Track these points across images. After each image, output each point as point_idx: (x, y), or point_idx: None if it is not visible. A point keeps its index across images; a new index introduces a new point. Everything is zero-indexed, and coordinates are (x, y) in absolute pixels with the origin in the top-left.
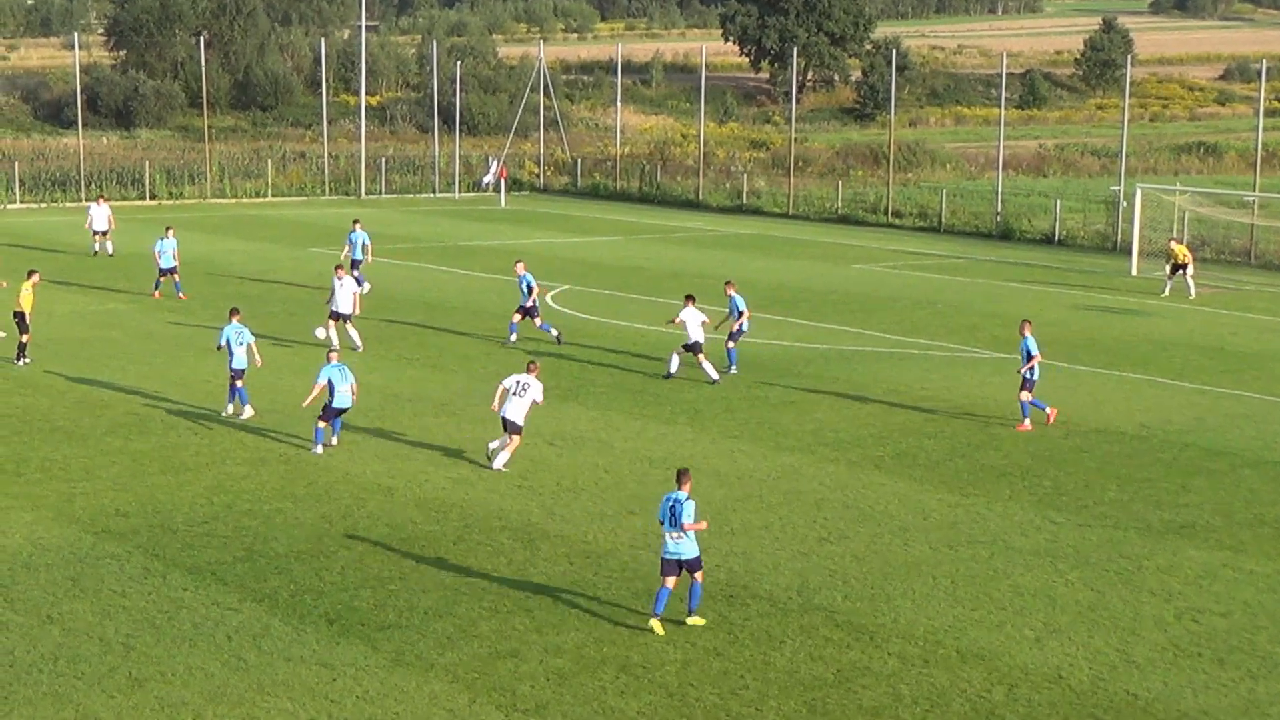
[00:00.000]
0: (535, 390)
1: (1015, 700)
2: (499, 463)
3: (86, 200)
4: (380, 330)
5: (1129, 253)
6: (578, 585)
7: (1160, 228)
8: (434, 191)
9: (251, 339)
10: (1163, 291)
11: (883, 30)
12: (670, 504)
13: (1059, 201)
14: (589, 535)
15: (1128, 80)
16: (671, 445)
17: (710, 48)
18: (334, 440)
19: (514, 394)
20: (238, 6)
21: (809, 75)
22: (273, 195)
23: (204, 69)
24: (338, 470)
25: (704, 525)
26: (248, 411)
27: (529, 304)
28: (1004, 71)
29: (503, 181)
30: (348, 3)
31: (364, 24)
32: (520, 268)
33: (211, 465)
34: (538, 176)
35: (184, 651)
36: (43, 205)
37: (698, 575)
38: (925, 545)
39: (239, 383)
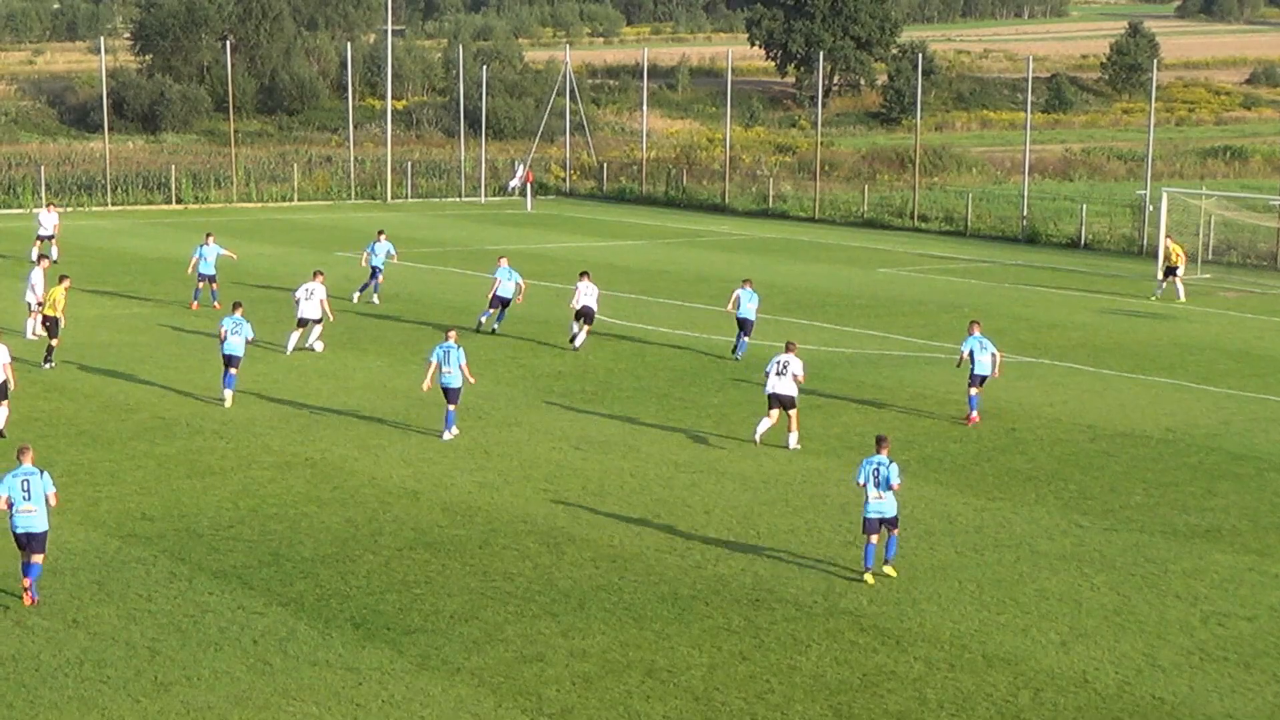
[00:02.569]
0: (796, 365)
1: (1041, 704)
2: (792, 442)
3: (112, 205)
4: (406, 334)
5: (1155, 257)
6: (603, 589)
7: (1186, 232)
8: (460, 195)
9: (250, 334)
10: (1155, 294)
11: (908, 34)
12: (874, 467)
13: (1085, 205)
14: (615, 539)
15: (1153, 84)
16: (697, 449)
17: (736, 52)
18: (444, 433)
19: (776, 373)
20: (264, 10)
21: (835, 79)
22: (298, 199)
23: (230, 73)
24: (363, 474)
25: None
26: (227, 399)
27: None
28: (1030, 75)
29: (529, 185)
30: (374, 7)
31: (390, 28)
32: (503, 261)
33: (237, 469)
34: (564, 180)
35: (209, 656)
36: (69, 209)
37: (895, 531)
38: (951, 549)
39: (232, 370)
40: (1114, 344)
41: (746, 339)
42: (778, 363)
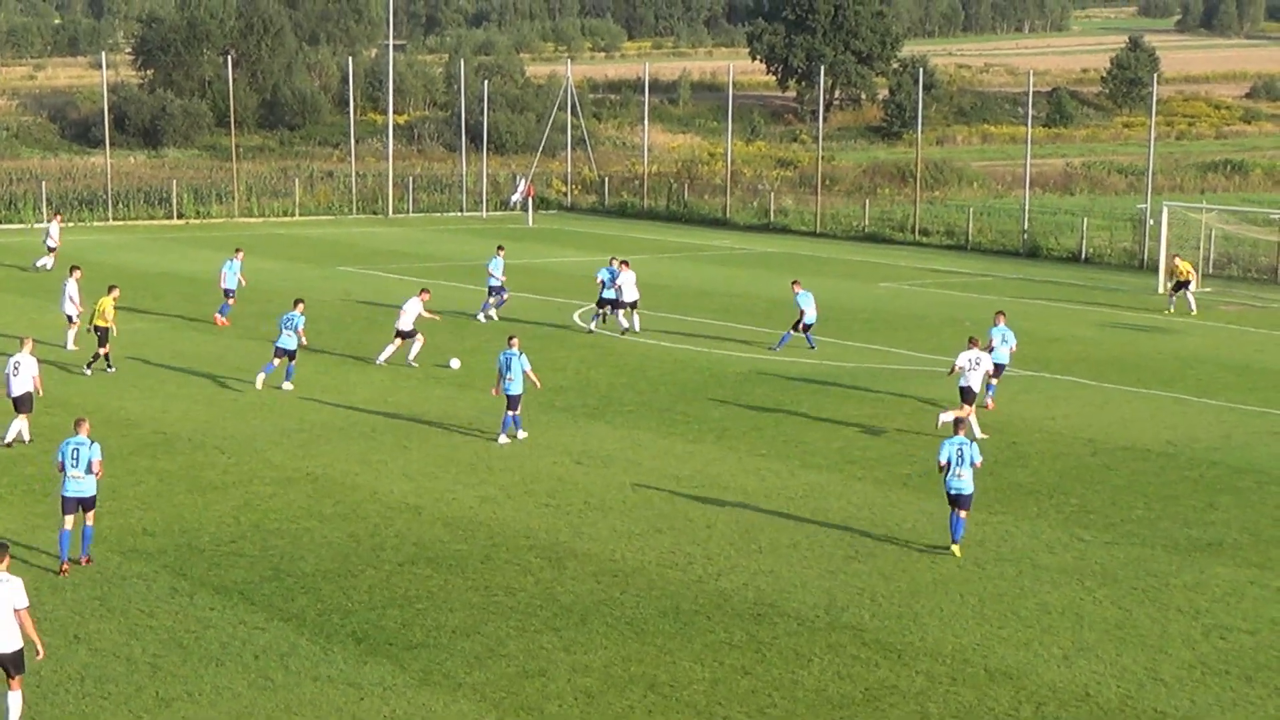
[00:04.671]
0: (986, 361)
1: (1043, 718)
2: (977, 429)
3: (113, 220)
4: (407, 349)
5: (1156, 271)
6: (605, 604)
7: (1187, 246)
8: (461, 210)
9: (300, 323)
10: (1168, 308)
11: (909, 49)
12: (957, 447)
13: (1086, 219)
14: (616, 553)
15: (1154, 98)
16: (699, 464)
17: (737, 66)
18: (515, 434)
19: (970, 369)
20: (265, 26)
21: (836, 94)
22: (300, 214)
23: (231, 88)
24: (365, 489)
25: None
26: (287, 385)
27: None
28: (1030, 90)
29: (530, 200)
30: (375, 22)
31: (391, 43)
32: (497, 248)
33: (238, 485)
34: (565, 195)
35: (211, 671)
36: (70, 224)
37: (964, 513)
38: (952, 563)
39: (277, 360)
40: (1114, 358)
41: (800, 335)
42: (969, 359)
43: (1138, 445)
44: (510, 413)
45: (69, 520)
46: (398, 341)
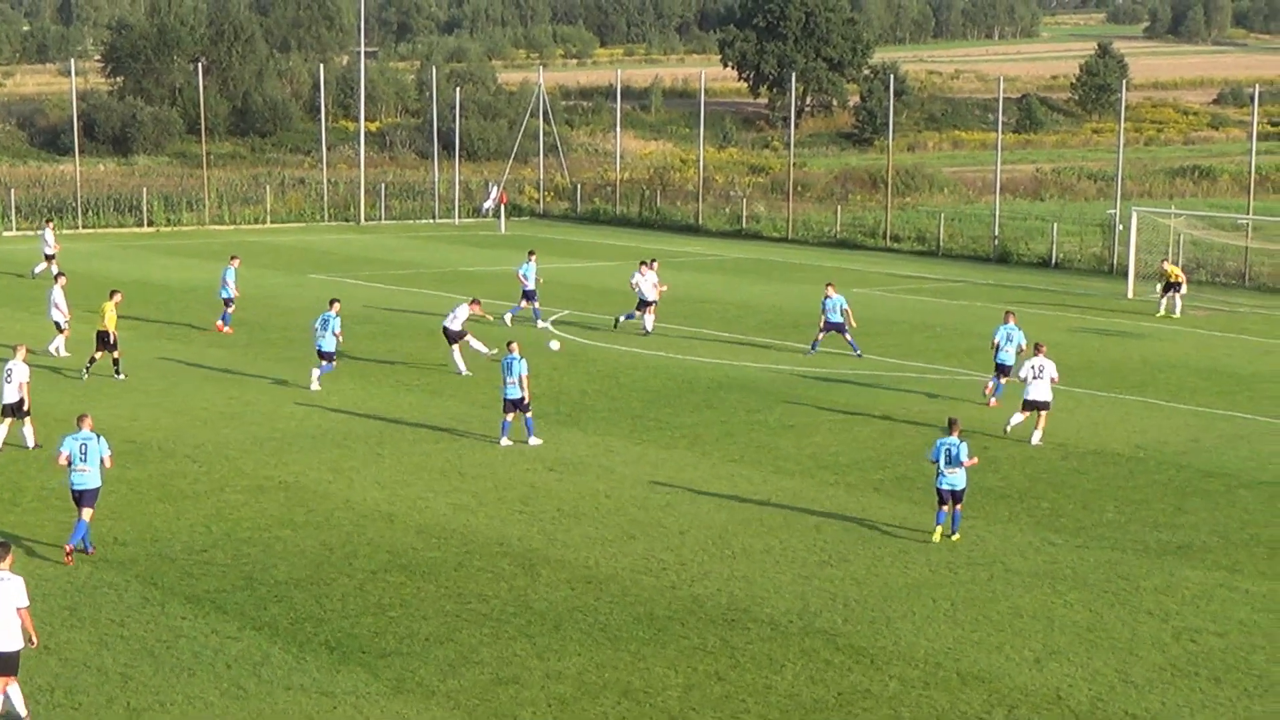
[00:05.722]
0: (1051, 368)
1: None
2: (1035, 439)
3: (83, 228)
4: (379, 356)
5: (1125, 275)
6: (579, 610)
7: (1156, 250)
8: (434, 217)
9: (338, 328)
10: (1159, 310)
11: (880, 55)
12: (946, 448)
13: (1055, 225)
14: (590, 560)
15: (1123, 104)
16: (671, 470)
17: (709, 73)
18: (526, 439)
19: (1034, 377)
20: (236, 33)
21: (807, 100)
22: (272, 222)
23: (202, 95)
24: (338, 497)
25: (976, 460)
26: (315, 385)
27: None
28: (1001, 96)
29: (503, 207)
30: (346, 29)
31: (363, 50)
32: (528, 254)
33: (210, 493)
34: (538, 202)
35: (183, 681)
36: (39, 232)
37: (959, 506)
38: (925, 568)
39: (324, 361)
40: (1085, 362)
41: (847, 337)
42: (1033, 367)
43: (1108, 449)
44: (507, 419)
45: (85, 512)
46: (454, 347)
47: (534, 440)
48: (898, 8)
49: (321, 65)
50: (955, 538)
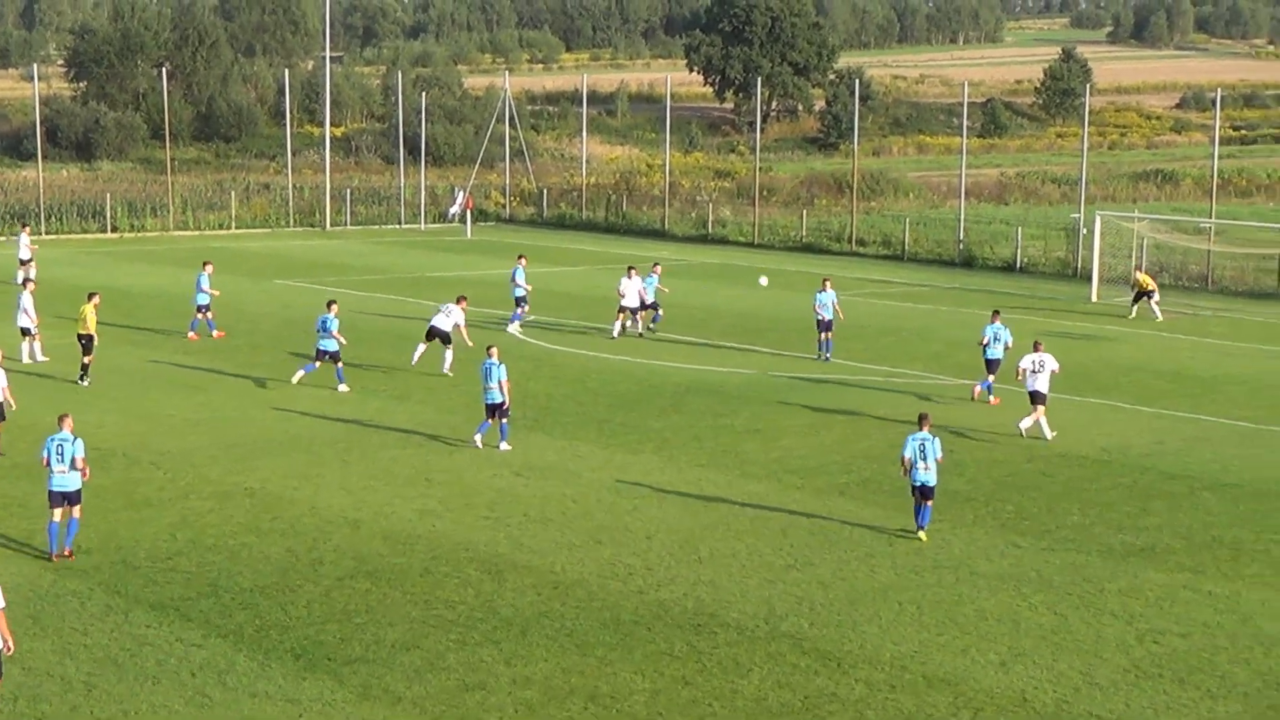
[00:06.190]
0: (1051, 361)
1: None
2: (1024, 425)
3: (46, 234)
4: (346, 361)
5: (1089, 279)
6: (545, 616)
7: (1120, 254)
8: (399, 223)
9: (335, 329)
10: (1131, 314)
11: (846, 60)
12: (920, 443)
13: (1020, 229)
14: (556, 565)
15: (1086, 109)
16: (638, 474)
17: (675, 78)
18: (497, 444)
19: (1033, 371)
20: (200, 38)
21: (773, 105)
22: (236, 227)
23: (166, 100)
24: (303, 503)
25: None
26: (342, 388)
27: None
28: (965, 101)
29: (468, 212)
30: (311, 33)
31: (328, 55)
32: (518, 258)
33: (175, 501)
34: (504, 207)
35: (147, 690)
36: (1, 239)
37: (930, 502)
38: (891, 571)
39: (333, 361)
40: None
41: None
42: (1033, 361)
43: (1073, 452)
44: (488, 420)
45: (57, 513)
46: (446, 345)
47: (504, 445)
48: (863, 13)
49: (286, 70)
50: (923, 535)
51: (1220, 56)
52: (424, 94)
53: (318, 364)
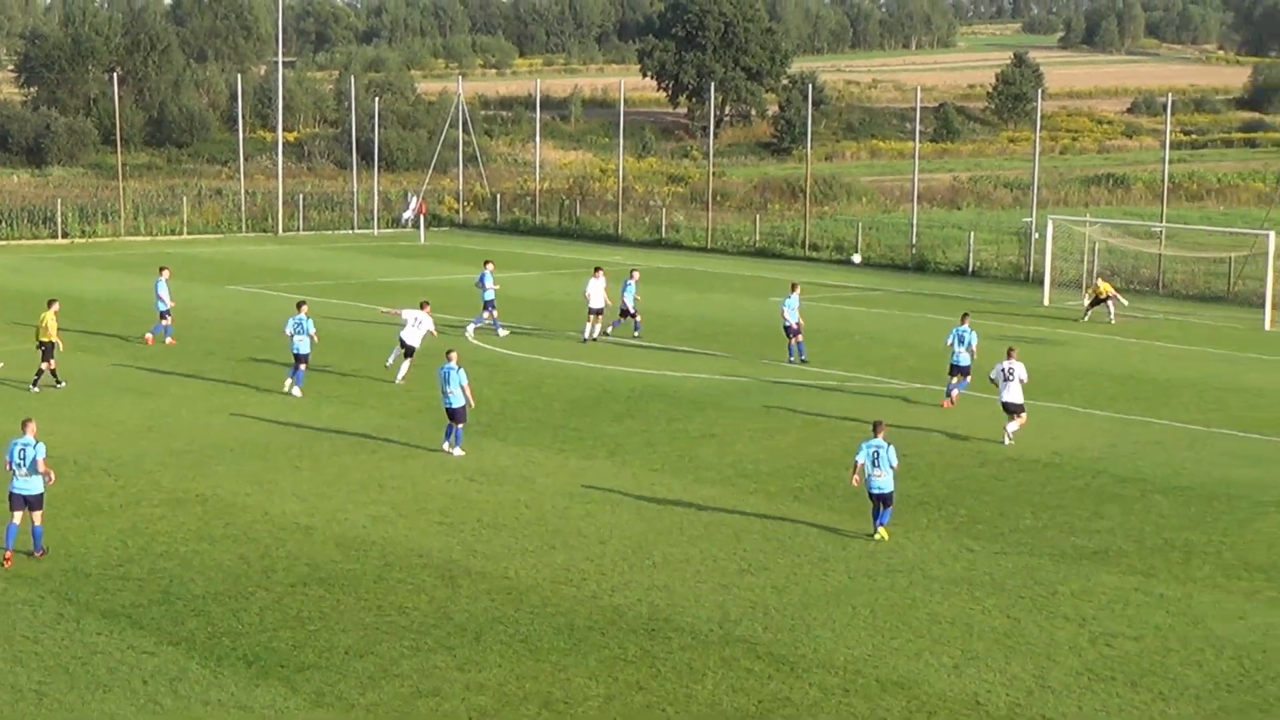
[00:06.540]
0: (1020, 370)
1: None
2: (1011, 429)
3: None
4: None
5: (1041, 283)
6: (499, 621)
7: (1071, 259)
8: (353, 228)
9: (312, 329)
10: (1084, 318)
11: (799, 65)
12: (873, 450)
13: (973, 233)
14: (510, 571)
15: (1038, 113)
16: (592, 479)
17: (628, 83)
18: (453, 450)
19: (1005, 380)
20: (152, 43)
21: (726, 110)
22: (189, 233)
23: (117, 105)
24: (256, 510)
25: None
26: (295, 392)
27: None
28: (918, 105)
29: (422, 217)
30: (264, 39)
31: (280, 60)
32: (484, 263)
33: (126, 507)
34: (457, 212)
35: (98, 698)
36: None
37: (888, 506)
38: (844, 575)
39: (301, 366)
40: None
41: (794, 341)
42: (1004, 370)
43: (1025, 456)
44: (458, 425)
45: (16, 516)
46: (407, 358)
47: (457, 451)
48: (816, 18)
49: (239, 75)
50: (883, 532)
51: (1171, 61)
52: (377, 99)
53: (302, 368)
